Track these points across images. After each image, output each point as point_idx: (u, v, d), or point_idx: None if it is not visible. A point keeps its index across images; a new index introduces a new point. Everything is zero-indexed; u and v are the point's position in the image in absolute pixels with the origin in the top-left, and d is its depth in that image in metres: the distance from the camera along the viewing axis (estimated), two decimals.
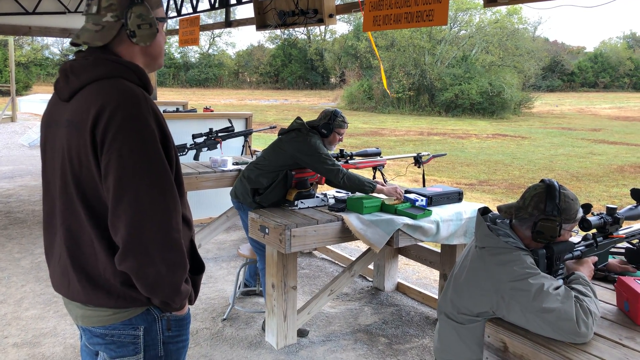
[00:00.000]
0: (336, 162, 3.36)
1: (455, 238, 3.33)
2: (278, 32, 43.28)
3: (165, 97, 24.22)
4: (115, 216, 1.34)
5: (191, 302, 1.59)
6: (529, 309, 1.69)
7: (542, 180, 1.91)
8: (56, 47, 37.55)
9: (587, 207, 1.95)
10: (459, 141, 15.22)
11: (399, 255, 4.24)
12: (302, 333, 3.40)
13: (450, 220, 3.30)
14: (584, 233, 2.02)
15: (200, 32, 7.06)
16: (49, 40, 35.77)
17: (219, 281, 4.32)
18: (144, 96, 1.41)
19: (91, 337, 1.52)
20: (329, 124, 3.48)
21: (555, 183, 1.86)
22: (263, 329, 3.43)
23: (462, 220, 3.33)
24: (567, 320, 1.64)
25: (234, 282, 3.73)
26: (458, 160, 11.64)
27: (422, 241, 3.33)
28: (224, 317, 3.63)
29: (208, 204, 5.72)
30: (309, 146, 3.31)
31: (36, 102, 19.01)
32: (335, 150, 3.73)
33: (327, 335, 3.44)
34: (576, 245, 1.94)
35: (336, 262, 4.87)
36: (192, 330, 3.45)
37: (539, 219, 1.83)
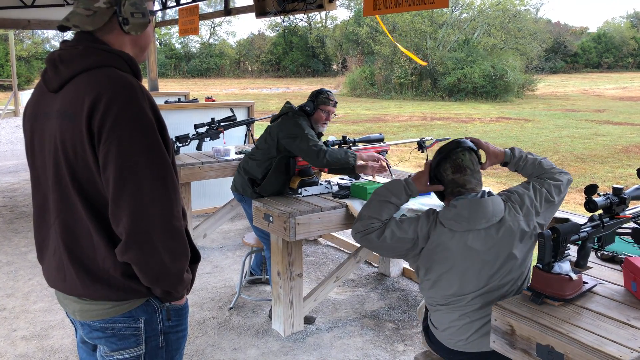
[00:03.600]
0: (319, 142, 3.27)
1: None
2: (278, 19, 42.99)
3: (166, 87, 24.16)
4: (117, 206, 1.32)
5: (187, 292, 1.59)
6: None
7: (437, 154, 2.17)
8: (57, 40, 37.36)
9: (592, 188, 1.93)
10: (462, 125, 15.15)
11: None
12: (308, 320, 3.41)
13: None
14: (590, 214, 2.00)
15: (200, 22, 7.02)
16: (49, 33, 35.72)
17: (225, 270, 4.33)
18: (139, 85, 1.39)
19: (90, 332, 1.50)
20: (313, 101, 3.45)
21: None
22: (270, 316, 3.44)
23: None
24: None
25: (240, 271, 3.73)
26: None
27: None
28: (231, 306, 3.65)
29: (212, 194, 5.72)
30: (292, 127, 3.27)
31: None
32: (337, 136, 3.71)
33: (333, 322, 3.45)
34: (582, 227, 1.93)
35: (341, 248, 4.87)
36: (200, 319, 3.47)
37: (440, 175, 2.12)
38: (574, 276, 1.81)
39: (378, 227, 2.10)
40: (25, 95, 19.73)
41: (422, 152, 3.76)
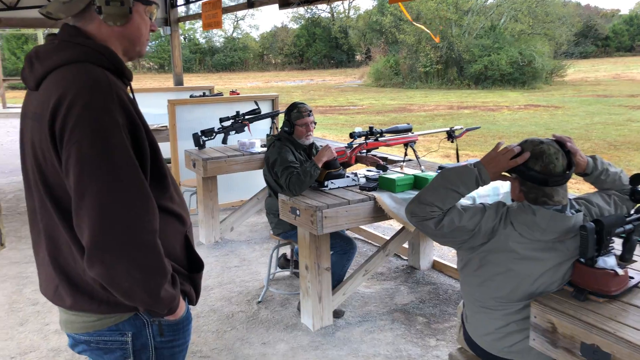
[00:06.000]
0: (291, 167, 3.17)
1: None
2: (302, 10, 42.87)
3: (192, 82, 24.31)
4: (79, 217, 1.19)
5: (192, 303, 1.47)
6: None
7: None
8: None
9: (638, 178, 1.83)
10: (490, 114, 14.86)
11: None
12: (337, 314, 3.37)
13: (487, 196, 3.19)
14: (636, 205, 1.90)
15: (224, 15, 7.01)
16: None
17: (253, 264, 4.32)
18: (108, 82, 1.24)
19: (75, 344, 1.41)
20: (288, 120, 3.50)
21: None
22: (299, 310, 3.41)
23: (499, 195, 3.22)
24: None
25: (268, 264, 3.71)
26: (490, 133, 11.37)
27: None
28: (259, 299, 3.63)
29: (238, 187, 5.71)
30: (270, 157, 3.38)
31: None
32: (364, 127, 3.64)
33: (363, 316, 3.40)
34: (627, 218, 1.83)
35: (370, 241, 4.81)
36: (228, 313, 3.46)
37: (523, 175, 1.88)
38: (620, 271, 1.72)
39: (437, 214, 1.94)
40: None
41: (452, 142, 3.66)
